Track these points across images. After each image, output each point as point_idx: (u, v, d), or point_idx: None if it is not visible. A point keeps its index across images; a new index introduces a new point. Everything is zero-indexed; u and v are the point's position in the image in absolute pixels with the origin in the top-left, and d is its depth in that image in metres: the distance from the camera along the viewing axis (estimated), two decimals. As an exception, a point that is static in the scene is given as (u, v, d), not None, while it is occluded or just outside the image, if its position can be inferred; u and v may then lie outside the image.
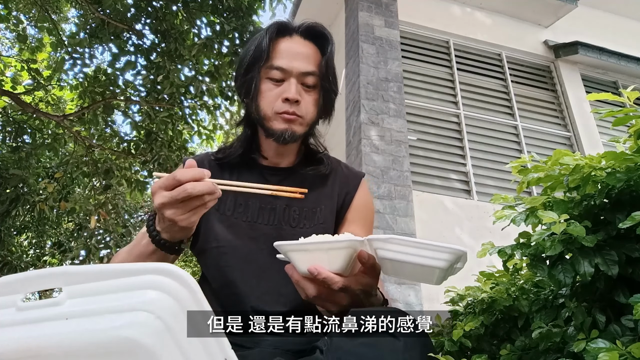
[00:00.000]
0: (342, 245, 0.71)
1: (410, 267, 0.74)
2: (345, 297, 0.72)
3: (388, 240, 0.72)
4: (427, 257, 0.71)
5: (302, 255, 0.72)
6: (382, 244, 0.72)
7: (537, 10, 5.50)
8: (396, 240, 0.71)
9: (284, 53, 1.01)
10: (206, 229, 1.01)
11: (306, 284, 0.73)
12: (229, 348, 0.41)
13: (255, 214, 1.02)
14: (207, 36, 5.93)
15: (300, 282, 0.73)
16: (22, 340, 0.37)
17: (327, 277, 0.70)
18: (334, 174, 1.11)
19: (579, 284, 0.97)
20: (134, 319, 0.36)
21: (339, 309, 0.73)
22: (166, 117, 6.23)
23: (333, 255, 0.71)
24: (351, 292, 0.72)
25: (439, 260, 0.71)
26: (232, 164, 1.07)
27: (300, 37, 1.04)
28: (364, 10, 4.78)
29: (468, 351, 1.35)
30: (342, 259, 0.71)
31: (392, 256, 0.72)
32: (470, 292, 1.46)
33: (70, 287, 0.39)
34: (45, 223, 8.51)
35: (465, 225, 4.16)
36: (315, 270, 0.70)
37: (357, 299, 0.73)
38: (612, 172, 0.87)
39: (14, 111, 6.70)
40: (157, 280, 0.38)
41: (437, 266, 0.72)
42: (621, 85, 5.67)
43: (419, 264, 0.72)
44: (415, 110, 4.69)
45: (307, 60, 1.02)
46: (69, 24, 8.53)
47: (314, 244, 0.72)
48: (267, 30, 1.02)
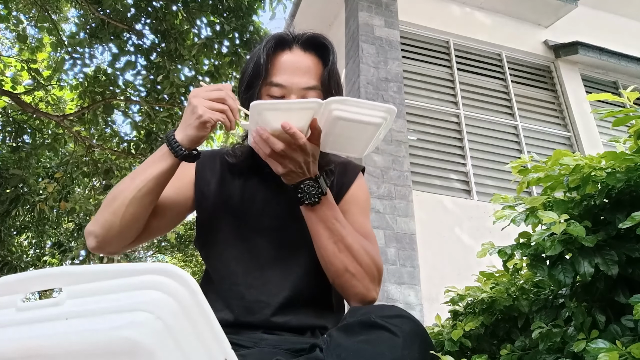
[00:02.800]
0: (309, 106, 0.85)
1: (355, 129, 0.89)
2: (300, 155, 0.86)
3: (344, 102, 0.86)
4: (367, 114, 0.88)
5: (275, 113, 0.84)
6: (338, 105, 0.86)
7: (537, 10, 5.50)
8: (348, 101, 0.87)
9: (283, 68, 0.98)
10: (212, 220, 1.02)
11: (274, 140, 0.84)
12: (229, 348, 0.41)
13: (260, 207, 1.02)
14: (207, 36, 5.93)
15: (270, 138, 0.84)
16: (22, 341, 0.37)
17: (296, 132, 0.83)
18: (334, 165, 1.10)
19: (579, 284, 0.97)
20: (134, 319, 0.36)
21: (292, 168, 0.87)
22: (166, 117, 6.23)
23: (300, 115, 0.85)
24: (305, 151, 0.86)
25: (376, 117, 0.88)
26: (241, 167, 1.07)
27: (300, 50, 1.01)
28: (364, 10, 4.78)
29: (468, 351, 1.35)
30: (306, 119, 0.85)
31: (344, 115, 0.86)
32: (470, 292, 1.46)
33: (70, 287, 0.39)
34: (45, 223, 8.51)
35: (465, 225, 4.16)
36: (287, 125, 0.82)
37: (306, 161, 0.87)
38: (612, 172, 0.87)
39: (14, 111, 6.70)
40: (157, 281, 0.38)
41: (374, 122, 0.88)
42: (621, 85, 5.67)
43: (361, 121, 0.88)
44: (415, 110, 4.68)
45: (308, 74, 0.99)
46: (69, 24, 8.53)
47: (287, 103, 0.88)
48: (265, 45, 1.00)
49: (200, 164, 1.06)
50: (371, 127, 0.90)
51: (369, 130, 0.90)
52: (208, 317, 0.40)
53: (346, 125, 0.89)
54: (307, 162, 0.88)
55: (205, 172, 1.06)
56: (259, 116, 0.85)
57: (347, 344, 0.64)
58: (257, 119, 0.86)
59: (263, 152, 0.87)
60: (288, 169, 0.88)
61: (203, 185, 1.05)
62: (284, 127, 0.82)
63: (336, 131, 0.90)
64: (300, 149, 0.85)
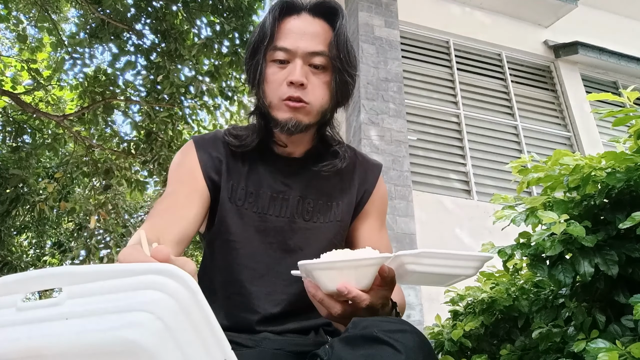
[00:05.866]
0: (371, 263, 0.69)
1: (437, 277, 0.75)
2: (367, 313, 0.71)
3: (419, 255, 0.70)
4: (458, 266, 0.73)
5: (329, 273, 0.69)
6: (413, 259, 0.71)
7: (537, 10, 5.49)
8: (426, 254, 0.71)
9: (290, 33, 0.92)
10: (220, 217, 0.95)
11: (331, 303, 0.71)
12: (229, 349, 0.41)
13: (266, 205, 0.96)
14: (207, 36, 5.93)
15: (325, 301, 0.71)
16: (21, 341, 0.37)
17: (357, 296, 0.68)
18: (352, 166, 1.04)
19: (579, 284, 0.97)
20: (134, 319, 0.36)
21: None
22: (166, 117, 6.23)
23: (361, 273, 0.69)
24: (373, 308, 0.71)
25: (469, 269, 0.73)
26: (246, 150, 0.98)
27: (309, 15, 0.95)
28: (364, 10, 4.78)
29: (468, 351, 1.35)
30: (370, 276, 0.70)
31: (422, 269, 0.72)
32: (470, 292, 1.46)
33: (70, 287, 0.39)
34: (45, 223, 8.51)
35: (465, 225, 4.15)
36: (345, 289, 0.68)
37: (376, 313, 0.72)
38: (612, 172, 0.87)
39: (14, 111, 6.70)
40: (157, 281, 0.38)
41: (466, 274, 0.74)
42: (621, 85, 5.66)
43: (448, 274, 0.74)
44: (415, 110, 4.68)
45: (316, 39, 0.92)
46: (69, 24, 8.53)
47: (344, 262, 0.69)
48: (272, 9, 0.94)
49: (203, 160, 0.97)
50: (455, 276, 0.76)
51: (455, 277, 0.77)
52: (208, 318, 0.40)
53: (427, 277, 0.76)
54: (372, 314, 0.72)
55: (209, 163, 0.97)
56: (310, 275, 0.72)
57: (349, 357, 0.63)
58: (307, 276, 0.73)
59: (320, 312, 0.74)
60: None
61: (212, 174, 0.96)
62: (342, 292, 0.68)
63: (420, 277, 0.76)
64: (365, 310, 0.71)
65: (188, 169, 0.96)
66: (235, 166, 0.98)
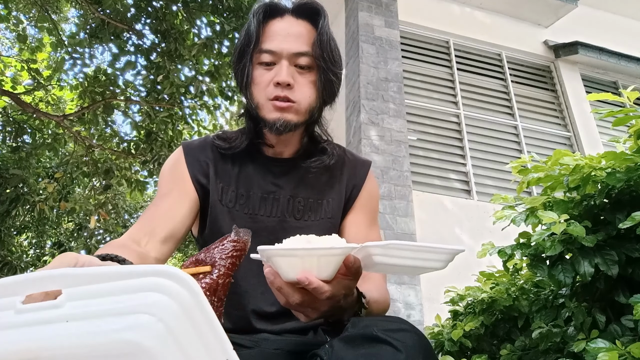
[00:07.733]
0: (335, 252, 0.65)
1: (406, 268, 0.73)
2: (327, 303, 0.68)
3: (388, 247, 0.68)
4: (426, 259, 0.71)
5: (290, 260, 0.65)
6: (381, 250, 0.68)
7: (537, 10, 5.49)
8: (395, 246, 0.68)
9: (275, 35, 0.95)
10: (211, 220, 0.97)
11: (290, 292, 0.67)
12: (231, 349, 0.41)
13: (256, 206, 0.98)
14: (207, 36, 5.93)
15: (283, 289, 0.67)
16: (21, 343, 0.37)
17: (318, 287, 0.64)
18: (341, 163, 1.06)
19: (579, 284, 0.98)
20: (135, 321, 0.36)
21: (319, 315, 0.70)
22: (166, 117, 6.24)
23: (324, 262, 0.65)
24: (335, 298, 0.68)
25: (439, 262, 0.71)
26: (236, 153, 1.00)
27: (292, 17, 0.98)
28: (364, 10, 4.78)
29: (468, 351, 1.35)
30: (333, 266, 0.66)
31: (390, 261, 0.69)
32: (470, 292, 1.46)
33: (70, 289, 0.39)
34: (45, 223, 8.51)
35: (465, 225, 4.15)
36: (305, 280, 0.64)
37: (337, 303, 0.70)
38: (612, 172, 0.87)
39: (14, 111, 6.70)
40: (158, 283, 0.38)
41: (436, 267, 0.72)
42: (621, 85, 5.66)
43: (417, 266, 0.71)
44: (415, 110, 4.68)
45: (300, 39, 0.95)
46: (69, 24, 8.53)
47: (305, 250, 0.64)
48: (256, 12, 0.96)
49: (190, 164, 0.99)
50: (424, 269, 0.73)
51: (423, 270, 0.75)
52: (210, 319, 0.40)
53: (394, 268, 0.73)
54: (335, 306, 0.69)
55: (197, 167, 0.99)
56: (270, 261, 0.68)
57: (349, 357, 0.63)
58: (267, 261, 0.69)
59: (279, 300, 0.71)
60: (315, 316, 0.70)
61: (199, 178, 0.98)
62: (302, 282, 0.64)
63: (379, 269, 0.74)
64: (326, 300, 0.67)
65: (177, 174, 0.98)
66: (225, 169, 1.00)
